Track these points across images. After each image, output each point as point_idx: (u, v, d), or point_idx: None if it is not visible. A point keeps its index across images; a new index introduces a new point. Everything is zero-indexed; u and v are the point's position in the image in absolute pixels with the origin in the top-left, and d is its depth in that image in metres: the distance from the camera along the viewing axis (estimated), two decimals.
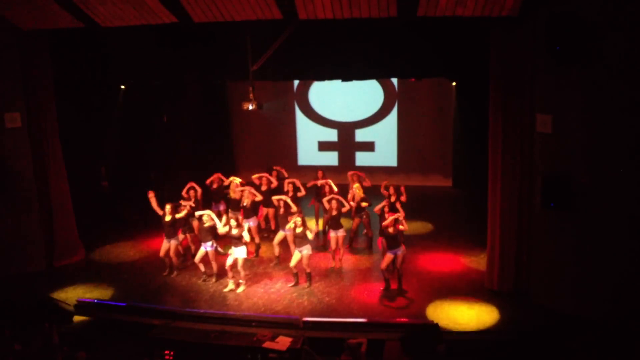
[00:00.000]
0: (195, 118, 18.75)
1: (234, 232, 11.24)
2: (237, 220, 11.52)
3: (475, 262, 12.20)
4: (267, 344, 8.78)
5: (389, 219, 10.89)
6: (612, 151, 9.17)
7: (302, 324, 9.65)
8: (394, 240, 10.90)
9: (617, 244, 9.30)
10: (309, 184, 13.82)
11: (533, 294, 10.56)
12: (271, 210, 13.53)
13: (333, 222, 12.14)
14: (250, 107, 12.74)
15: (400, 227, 10.97)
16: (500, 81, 10.40)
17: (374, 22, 10.72)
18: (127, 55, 13.08)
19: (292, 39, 11.78)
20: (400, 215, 11.01)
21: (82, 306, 10.61)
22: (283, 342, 8.87)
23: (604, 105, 9.15)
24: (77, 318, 10.28)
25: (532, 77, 10.05)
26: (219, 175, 13.94)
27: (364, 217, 13.04)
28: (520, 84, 10.20)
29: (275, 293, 11.19)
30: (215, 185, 13.83)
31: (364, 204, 12.84)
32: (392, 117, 18.97)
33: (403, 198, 12.28)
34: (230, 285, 11.44)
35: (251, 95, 12.65)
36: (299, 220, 11.15)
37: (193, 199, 12.91)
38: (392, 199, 12.20)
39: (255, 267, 12.47)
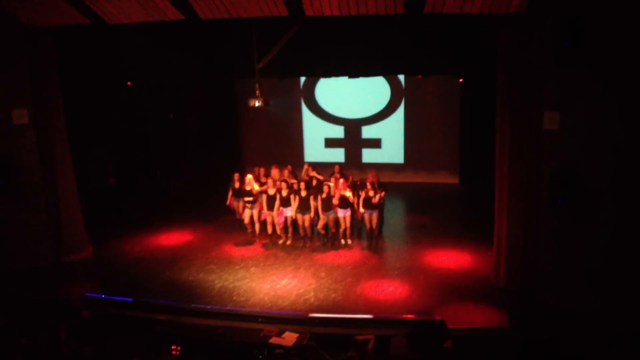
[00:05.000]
0: (201, 115, 18.79)
1: (284, 193, 13.19)
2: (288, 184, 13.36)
3: (482, 259, 12.19)
4: (274, 340, 8.79)
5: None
6: (620, 148, 9.13)
7: (308, 320, 9.66)
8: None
9: (625, 241, 9.27)
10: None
11: (540, 290, 10.54)
12: None
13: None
14: (257, 104, 12.76)
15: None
16: (507, 78, 10.37)
17: (380, 18, 10.70)
18: (134, 52, 13.09)
19: (299, 36, 11.78)
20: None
21: (89, 301, 10.64)
22: (289, 338, 8.88)
23: (612, 103, 9.11)
24: (84, 313, 10.31)
25: (540, 74, 10.02)
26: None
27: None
28: (528, 80, 10.17)
29: (282, 289, 11.20)
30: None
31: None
32: (399, 114, 19.00)
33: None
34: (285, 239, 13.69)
35: (257, 92, 12.66)
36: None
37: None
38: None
39: (262, 263, 12.49)
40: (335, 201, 12.96)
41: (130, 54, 13.18)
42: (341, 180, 13.19)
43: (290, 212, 13.31)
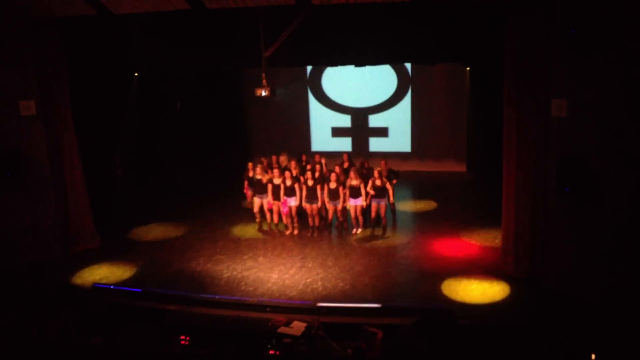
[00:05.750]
0: (208, 105, 18.77)
1: (288, 183, 13.23)
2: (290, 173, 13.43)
3: (490, 247, 12.17)
4: (282, 330, 8.81)
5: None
6: (628, 135, 9.08)
7: (316, 309, 9.67)
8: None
9: (632, 229, 9.23)
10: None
11: (548, 278, 10.52)
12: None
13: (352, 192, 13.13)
14: (264, 94, 12.75)
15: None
16: (515, 65, 10.31)
17: (387, 6, 10.65)
18: (141, 43, 13.08)
19: (305, 25, 11.73)
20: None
21: (98, 292, 10.68)
22: (297, 327, 8.90)
23: (620, 89, 9.04)
24: (93, 304, 10.36)
25: (548, 61, 9.95)
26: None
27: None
28: (536, 68, 10.10)
29: (290, 279, 11.22)
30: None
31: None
32: (406, 103, 18.94)
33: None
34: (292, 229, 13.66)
35: (264, 81, 12.64)
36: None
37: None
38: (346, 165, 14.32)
39: (270, 253, 12.52)
40: (344, 190, 12.99)
41: (136, 45, 13.17)
42: (362, 170, 13.27)
43: (294, 201, 13.34)
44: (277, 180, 13.27)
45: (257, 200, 13.74)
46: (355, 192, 12.99)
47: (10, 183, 11.96)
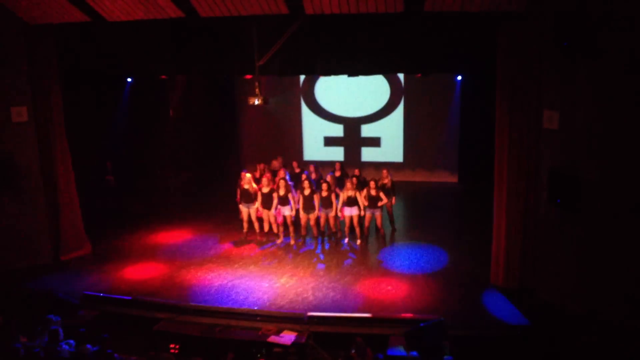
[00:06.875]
0: (201, 112, 18.78)
1: (282, 192, 13.20)
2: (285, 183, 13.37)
3: (481, 258, 12.16)
4: (272, 339, 8.81)
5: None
6: (620, 148, 9.12)
7: (307, 319, 9.65)
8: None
9: (624, 241, 9.26)
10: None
11: (539, 290, 10.54)
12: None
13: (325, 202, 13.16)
14: (257, 102, 12.74)
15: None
16: (507, 77, 10.36)
17: (380, 17, 10.69)
18: (134, 50, 13.08)
19: (299, 34, 11.76)
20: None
21: (87, 299, 10.63)
22: (288, 336, 8.90)
23: (612, 102, 9.10)
24: (82, 311, 10.31)
25: (540, 73, 10.01)
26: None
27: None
28: (528, 79, 10.16)
29: (281, 288, 11.20)
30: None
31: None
32: (399, 113, 18.98)
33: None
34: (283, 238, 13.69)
35: (257, 90, 12.64)
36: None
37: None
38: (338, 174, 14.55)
39: (261, 262, 12.49)
40: (337, 199, 13.03)
41: (130, 52, 13.16)
42: (353, 180, 13.29)
43: (288, 211, 13.32)
44: (265, 189, 13.23)
45: (243, 209, 13.69)
46: (350, 202, 12.97)
47: (1, 189, 11.91)
